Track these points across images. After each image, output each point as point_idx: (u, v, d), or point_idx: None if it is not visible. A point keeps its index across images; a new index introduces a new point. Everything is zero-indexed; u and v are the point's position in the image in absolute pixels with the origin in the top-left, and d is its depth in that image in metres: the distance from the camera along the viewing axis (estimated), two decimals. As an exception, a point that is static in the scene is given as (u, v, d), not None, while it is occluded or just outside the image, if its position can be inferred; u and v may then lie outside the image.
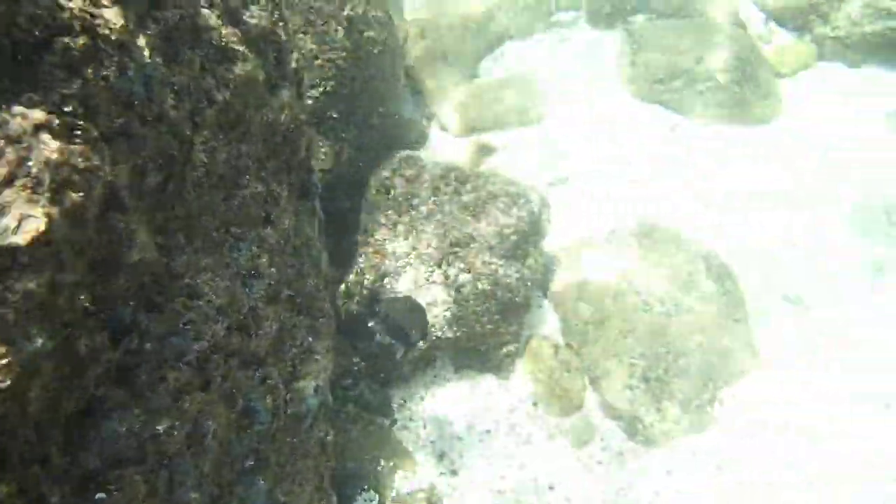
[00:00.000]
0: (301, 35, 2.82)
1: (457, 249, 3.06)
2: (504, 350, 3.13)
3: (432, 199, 3.25)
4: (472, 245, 3.05)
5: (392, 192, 3.31)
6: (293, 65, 2.00)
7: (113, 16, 1.24)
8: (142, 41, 1.34)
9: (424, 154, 4.11)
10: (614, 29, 4.47)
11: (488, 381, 3.15)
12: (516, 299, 3.11)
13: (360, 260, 3.18)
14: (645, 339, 3.10)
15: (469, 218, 3.13)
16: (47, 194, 1.01)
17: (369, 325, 2.59)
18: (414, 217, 3.20)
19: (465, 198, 3.24)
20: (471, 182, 3.35)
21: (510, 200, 3.21)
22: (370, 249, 3.19)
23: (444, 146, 4.16)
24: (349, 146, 3.21)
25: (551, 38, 4.71)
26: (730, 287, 3.33)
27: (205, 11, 1.60)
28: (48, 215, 0.99)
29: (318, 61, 2.89)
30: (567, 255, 3.52)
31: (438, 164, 3.48)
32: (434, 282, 3.05)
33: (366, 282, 3.11)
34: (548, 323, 3.34)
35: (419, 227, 3.16)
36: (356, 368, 3.08)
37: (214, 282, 1.58)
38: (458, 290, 3.01)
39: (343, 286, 3.16)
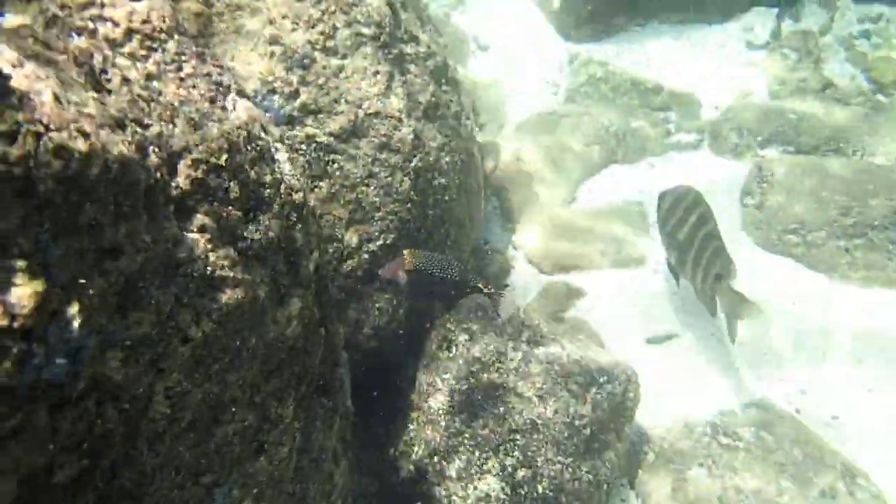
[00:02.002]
0: (362, 188, 2.59)
1: (516, 437, 2.58)
2: (566, 566, 2.56)
3: (496, 365, 2.83)
4: (534, 436, 2.57)
5: (454, 349, 2.93)
6: (313, 265, 1.72)
7: (22, 298, 1.00)
8: (73, 309, 1.10)
9: (504, 291, 3.73)
10: (742, 160, 3.86)
11: None
12: (586, 506, 2.55)
13: (411, 427, 2.80)
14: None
15: (535, 398, 2.66)
16: None
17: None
18: (473, 386, 2.78)
19: (534, 369, 2.77)
20: (544, 346, 2.89)
21: (587, 380, 2.70)
22: (422, 417, 2.81)
23: (527, 283, 3.74)
24: (406, 299, 2.89)
25: (665, 163, 4.19)
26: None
27: (190, 238, 1.36)
28: None
29: (380, 213, 2.64)
30: (661, 444, 2.90)
31: (512, 318, 3.06)
32: (488, 471, 2.59)
33: (414, 455, 2.71)
34: (630, 530, 2.73)
35: (478, 401, 2.73)
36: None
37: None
38: (514, 490, 2.52)
39: (390, 451, 2.79)
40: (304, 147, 2.48)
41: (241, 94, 1.62)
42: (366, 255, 2.66)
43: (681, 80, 4.67)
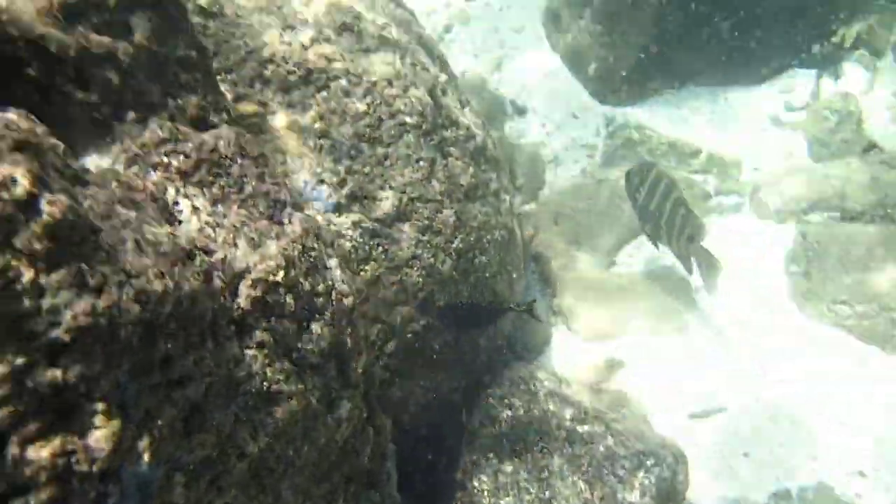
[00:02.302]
0: (406, 269, 2.66)
1: (562, 525, 2.54)
2: None
3: (540, 444, 2.81)
4: (580, 524, 2.52)
5: (498, 426, 2.92)
6: (361, 366, 1.77)
7: (101, 440, 1.08)
8: (144, 442, 1.17)
9: (545, 360, 3.72)
10: (785, 225, 3.81)
11: None
12: None
13: (453, 508, 2.78)
14: None
15: (582, 483, 2.62)
16: None
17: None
18: (518, 466, 2.77)
19: (578, 450, 2.74)
20: (588, 424, 2.86)
21: (633, 464, 2.65)
22: (466, 497, 2.79)
23: (568, 351, 3.72)
24: (451, 376, 2.92)
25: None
26: None
27: (249, 355, 1.43)
28: None
29: (422, 294, 2.70)
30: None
31: (554, 393, 3.05)
32: (532, 558, 2.55)
33: (456, 540, 2.69)
34: None
35: (522, 482, 2.71)
36: None
37: None
38: (559, 579, 2.47)
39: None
40: (350, 233, 2.58)
41: (297, 206, 1.72)
42: (409, 335, 2.71)
43: (719, 142, 4.66)
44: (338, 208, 2.57)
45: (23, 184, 0.99)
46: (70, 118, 1.37)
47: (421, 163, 2.73)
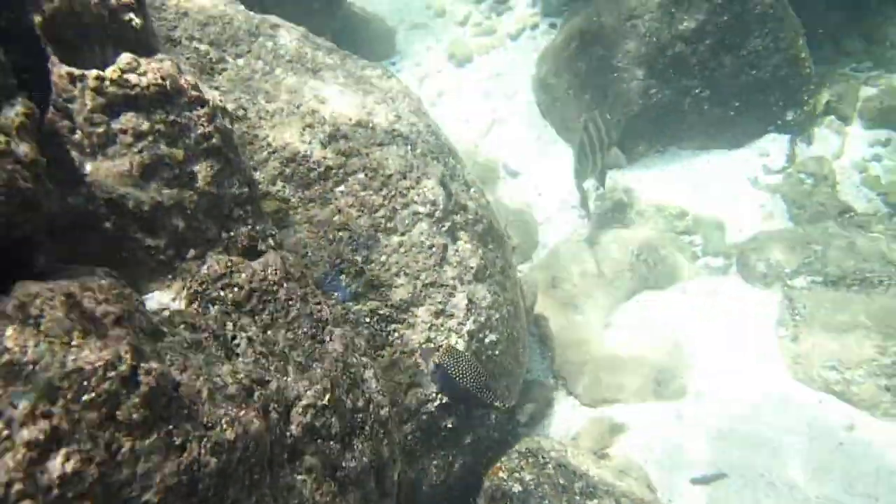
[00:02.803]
0: (420, 352, 2.77)
1: None
2: None
3: (552, 520, 2.88)
4: None
5: (509, 502, 3.00)
6: (397, 473, 1.86)
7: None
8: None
9: (549, 426, 3.82)
10: (772, 289, 4.02)
11: None
12: None
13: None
14: None
15: (594, 560, 2.70)
16: None
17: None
18: (530, 542, 2.84)
19: (590, 525, 2.83)
20: (598, 499, 2.95)
21: (644, 539, 2.74)
22: (479, 574, 2.84)
23: (569, 416, 3.82)
24: (463, 453, 3.00)
25: (696, 288, 4.35)
26: None
27: (299, 481, 1.52)
28: None
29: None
30: None
31: (561, 464, 3.14)
32: None
33: None
34: None
35: (535, 559, 2.77)
36: None
37: None
38: None
39: None
40: (368, 320, 2.69)
41: (336, 322, 1.83)
42: (424, 417, 2.79)
43: (703, 203, 4.90)
44: (355, 297, 2.68)
45: (126, 360, 1.09)
46: (139, 260, 1.47)
47: (434, 249, 2.87)
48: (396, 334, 2.75)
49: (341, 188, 2.73)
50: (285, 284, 1.73)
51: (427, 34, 6.98)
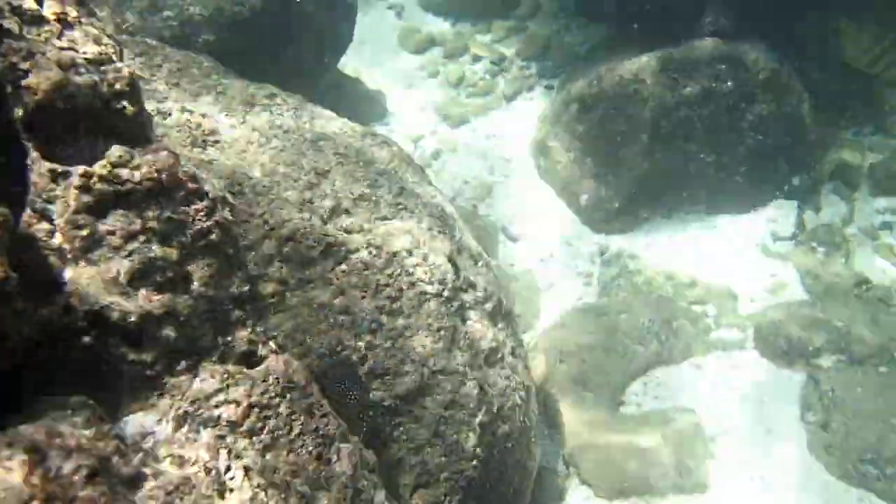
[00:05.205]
0: (428, 449, 2.52)
1: None
2: None
3: None
4: None
5: None
6: None
7: None
8: None
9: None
10: (794, 368, 3.81)
11: None
12: None
13: None
14: None
15: None
16: None
17: None
18: None
19: None
20: None
21: None
22: None
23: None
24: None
25: (712, 364, 4.13)
26: None
27: None
28: None
29: (445, 474, 2.54)
30: None
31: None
32: None
33: None
34: None
35: None
36: None
37: None
38: None
39: None
40: (371, 413, 2.44)
41: (344, 437, 1.60)
42: (433, 523, 2.51)
43: (712, 271, 4.75)
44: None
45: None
46: (122, 376, 1.26)
47: (442, 332, 2.66)
48: (402, 429, 2.50)
49: (343, 267, 2.54)
50: (288, 396, 1.51)
51: (420, 95, 6.94)
